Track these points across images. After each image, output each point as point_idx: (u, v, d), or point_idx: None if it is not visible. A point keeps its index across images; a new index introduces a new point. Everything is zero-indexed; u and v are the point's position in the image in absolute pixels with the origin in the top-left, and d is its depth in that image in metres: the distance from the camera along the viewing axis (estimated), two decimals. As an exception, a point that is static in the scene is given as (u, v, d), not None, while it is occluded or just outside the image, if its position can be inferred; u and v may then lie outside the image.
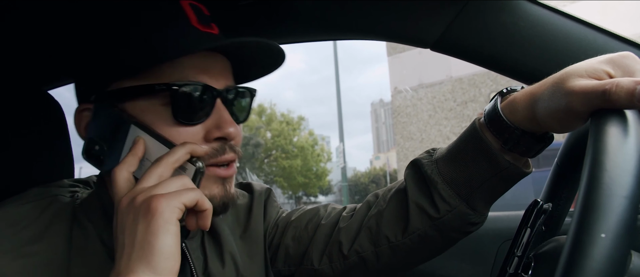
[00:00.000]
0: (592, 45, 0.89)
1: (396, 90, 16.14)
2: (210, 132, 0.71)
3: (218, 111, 0.72)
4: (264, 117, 22.30)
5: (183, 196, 0.60)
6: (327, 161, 24.42)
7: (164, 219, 0.57)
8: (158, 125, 0.70)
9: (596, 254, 0.40)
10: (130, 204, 0.60)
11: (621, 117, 0.50)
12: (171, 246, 0.57)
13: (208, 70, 0.72)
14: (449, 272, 1.35)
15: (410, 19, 1.04)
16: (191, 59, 0.71)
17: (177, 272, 0.58)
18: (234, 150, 0.74)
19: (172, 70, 0.69)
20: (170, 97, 0.68)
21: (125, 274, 0.56)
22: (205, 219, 0.64)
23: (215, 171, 0.72)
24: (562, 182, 0.76)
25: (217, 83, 0.72)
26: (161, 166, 0.63)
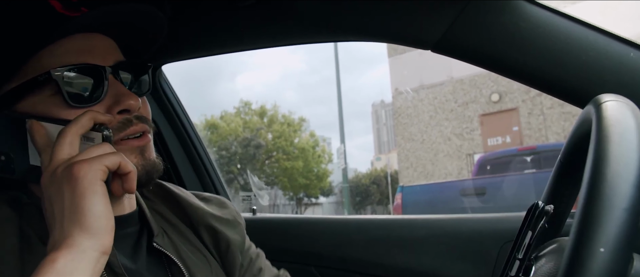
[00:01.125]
0: (593, 46, 0.89)
1: (397, 92, 16.12)
2: (111, 108, 0.72)
3: (113, 87, 0.73)
4: (266, 119, 22.27)
5: (104, 159, 0.60)
6: (328, 162, 24.38)
7: (88, 180, 0.58)
8: (54, 113, 0.70)
9: (595, 269, 0.40)
10: (52, 176, 0.61)
11: (623, 123, 0.50)
12: (101, 205, 0.58)
13: (91, 51, 0.73)
14: (450, 274, 1.35)
15: (411, 20, 1.04)
16: (70, 44, 0.71)
17: (112, 231, 0.59)
18: (142, 121, 0.75)
19: (53, 60, 0.70)
20: (56, 84, 0.69)
21: (61, 239, 0.57)
22: (131, 181, 0.64)
23: (129, 143, 0.73)
24: (564, 182, 0.75)
25: (104, 60, 0.73)
26: (67, 135, 0.63)
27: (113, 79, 0.73)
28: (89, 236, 0.57)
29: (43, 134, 0.68)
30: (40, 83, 0.69)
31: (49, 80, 0.69)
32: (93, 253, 0.57)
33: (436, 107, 14.99)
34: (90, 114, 0.66)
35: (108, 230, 0.58)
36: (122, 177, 0.64)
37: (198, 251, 0.89)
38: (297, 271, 1.58)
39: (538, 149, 8.60)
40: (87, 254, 0.56)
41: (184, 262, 0.82)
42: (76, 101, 0.70)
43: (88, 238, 0.57)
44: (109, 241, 0.59)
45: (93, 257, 0.57)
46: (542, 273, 0.63)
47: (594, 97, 0.60)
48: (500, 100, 13.86)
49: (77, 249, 0.56)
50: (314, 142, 23.04)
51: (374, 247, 1.47)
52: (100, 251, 0.57)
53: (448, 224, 1.41)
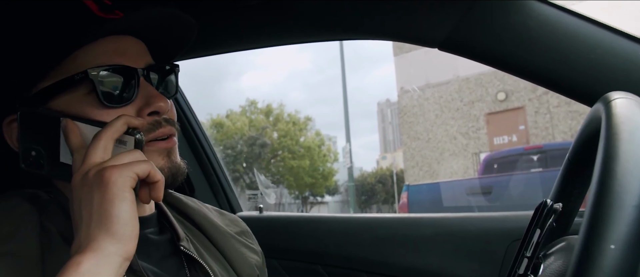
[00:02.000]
0: (601, 44, 0.89)
1: (403, 90, 16.09)
2: (141, 109, 0.74)
3: (144, 89, 0.74)
4: (271, 118, 22.29)
5: (135, 166, 0.61)
6: (334, 161, 24.37)
7: (118, 187, 0.59)
8: (88, 112, 0.71)
9: (605, 266, 0.39)
10: (84, 178, 0.62)
11: (633, 121, 0.49)
12: (128, 212, 0.59)
13: (124, 53, 0.74)
14: (457, 272, 1.34)
15: (417, 18, 1.03)
16: (104, 45, 0.73)
17: (136, 238, 0.60)
18: (170, 123, 0.77)
19: (87, 60, 0.71)
20: (91, 83, 0.70)
21: (86, 243, 0.58)
22: (158, 190, 0.65)
23: (157, 145, 0.74)
24: (572, 180, 0.75)
25: (136, 63, 0.75)
26: (102, 139, 0.65)
27: (144, 81, 0.75)
28: (115, 242, 0.58)
29: (77, 133, 0.69)
30: (76, 82, 0.70)
31: (84, 80, 0.70)
32: (117, 258, 0.58)
33: (442, 106, 14.96)
34: (124, 118, 0.67)
35: (133, 237, 0.59)
36: (150, 185, 0.65)
37: (216, 258, 0.90)
38: (303, 269, 1.59)
39: (544, 148, 8.57)
40: (111, 259, 0.57)
41: (210, 267, 0.83)
42: (109, 101, 0.72)
43: (113, 243, 0.58)
44: (132, 247, 0.60)
45: (116, 263, 0.58)
46: (550, 271, 0.62)
47: (603, 95, 0.60)
48: (506, 99, 13.81)
49: (101, 254, 0.57)
50: (319, 141, 23.04)
51: (380, 246, 1.47)
52: (123, 257, 0.58)
53: (454, 222, 1.41)
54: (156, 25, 0.78)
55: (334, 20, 1.14)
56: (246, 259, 0.95)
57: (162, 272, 0.78)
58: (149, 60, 0.78)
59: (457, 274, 1.34)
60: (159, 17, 0.76)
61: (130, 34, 0.77)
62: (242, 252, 0.95)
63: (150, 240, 0.81)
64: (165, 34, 0.80)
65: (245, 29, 1.27)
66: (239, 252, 0.95)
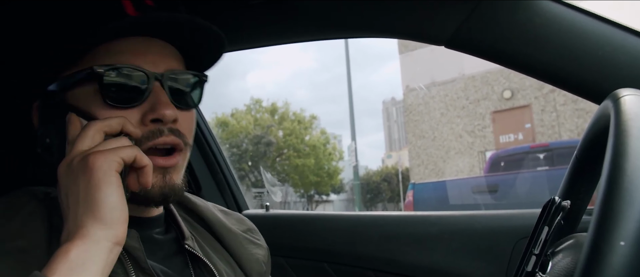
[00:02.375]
0: (609, 41, 0.88)
1: (408, 89, 16.06)
2: (146, 115, 0.71)
3: (155, 94, 0.72)
4: (277, 116, 22.32)
5: (120, 151, 0.61)
6: (339, 160, 24.37)
7: (102, 171, 0.59)
8: (92, 110, 0.70)
9: (615, 263, 0.39)
10: (69, 166, 0.62)
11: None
12: (115, 196, 0.59)
13: (144, 55, 0.72)
14: (464, 270, 1.34)
15: (424, 16, 1.03)
16: (126, 44, 0.71)
17: (126, 222, 0.60)
18: (177, 135, 0.74)
19: (106, 56, 0.70)
20: (97, 81, 0.69)
21: (75, 229, 0.58)
22: (146, 175, 0.64)
23: (155, 160, 0.70)
24: (580, 178, 0.75)
25: (155, 67, 0.72)
26: (91, 129, 0.64)
27: (158, 86, 0.72)
28: (103, 227, 0.58)
29: (77, 127, 0.69)
30: (85, 78, 0.70)
31: (91, 77, 0.70)
32: (106, 244, 0.58)
33: (447, 104, 14.93)
34: (122, 119, 0.67)
35: (121, 221, 0.59)
36: (137, 170, 0.65)
37: (222, 257, 0.90)
38: (310, 267, 1.59)
39: (551, 147, 8.53)
40: (101, 244, 0.57)
41: (214, 265, 0.83)
42: (113, 101, 0.70)
43: (102, 228, 0.58)
44: (122, 232, 0.59)
45: (106, 248, 0.57)
46: (559, 268, 0.62)
47: (612, 92, 0.60)
48: (512, 97, 13.76)
49: (90, 240, 0.57)
50: (324, 140, 23.05)
51: (386, 244, 1.47)
52: (113, 242, 0.58)
53: (461, 220, 1.41)
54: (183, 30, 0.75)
55: (340, 19, 1.14)
56: (253, 255, 0.95)
57: (168, 270, 0.78)
58: (171, 65, 0.75)
59: (464, 272, 1.34)
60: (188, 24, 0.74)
61: (159, 37, 0.75)
62: (249, 249, 0.96)
63: (155, 239, 0.81)
64: (193, 42, 0.78)
65: (252, 28, 1.27)
66: (246, 249, 0.95)
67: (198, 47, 0.80)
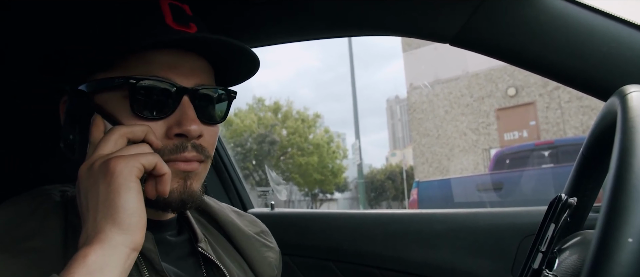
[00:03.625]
0: (615, 38, 0.88)
1: (412, 87, 16.04)
2: (171, 128, 0.72)
3: (182, 108, 0.72)
4: (280, 115, 22.31)
5: (141, 157, 0.62)
6: (343, 158, 24.34)
7: (123, 176, 0.59)
8: (119, 116, 0.71)
9: (623, 259, 0.39)
10: (90, 169, 0.62)
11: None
12: (134, 202, 0.59)
13: (176, 68, 0.73)
14: (469, 268, 1.34)
15: (429, 14, 1.03)
16: (160, 55, 0.72)
17: (144, 228, 0.60)
18: (199, 151, 0.74)
19: (139, 65, 0.71)
20: (128, 90, 0.70)
21: (94, 233, 0.58)
22: (164, 184, 0.65)
23: (176, 165, 0.72)
24: (586, 175, 0.74)
25: (185, 81, 0.73)
26: (115, 133, 0.65)
27: (186, 101, 0.73)
28: (121, 232, 0.58)
29: (100, 129, 0.69)
30: (117, 84, 0.70)
31: (123, 85, 0.70)
32: (124, 249, 0.58)
33: (451, 102, 14.89)
34: (147, 128, 0.68)
35: (140, 227, 0.59)
36: (156, 178, 0.65)
37: (235, 260, 0.91)
38: (315, 265, 1.59)
39: (556, 144, 8.49)
40: (118, 250, 0.57)
41: (226, 267, 0.84)
42: (141, 112, 0.71)
43: (120, 234, 0.58)
44: (140, 238, 0.60)
45: (124, 253, 0.58)
46: (566, 266, 0.62)
47: (619, 89, 0.60)
48: (516, 94, 13.71)
49: (108, 245, 0.57)
50: (328, 138, 23.03)
51: (391, 242, 1.47)
52: (131, 247, 0.58)
53: (466, 218, 1.41)
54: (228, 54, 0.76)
55: (345, 16, 1.14)
56: (266, 259, 0.96)
57: (181, 272, 0.78)
58: (202, 80, 0.76)
59: (469, 269, 1.34)
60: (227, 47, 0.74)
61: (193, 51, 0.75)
62: (262, 252, 0.96)
63: (168, 241, 0.81)
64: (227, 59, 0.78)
65: (256, 27, 1.27)
66: (259, 252, 0.95)
67: (230, 65, 0.80)
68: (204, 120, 0.75)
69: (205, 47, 0.75)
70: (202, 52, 0.76)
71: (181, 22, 0.74)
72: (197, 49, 0.75)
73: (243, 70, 0.82)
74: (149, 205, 0.70)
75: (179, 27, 0.73)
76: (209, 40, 0.73)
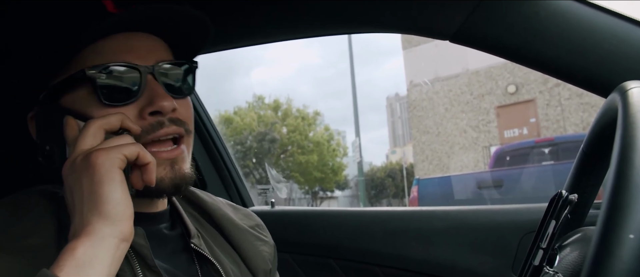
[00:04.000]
0: (616, 34, 0.88)
1: (412, 84, 16.03)
2: (143, 109, 0.72)
3: (149, 87, 0.72)
4: (280, 113, 22.32)
5: (123, 149, 0.61)
6: (343, 156, 24.36)
7: (105, 168, 0.59)
8: (89, 111, 0.71)
9: (624, 255, 0.39)
10: (72, 165, 0.62)
11: None
12: (118, 192, 0.59)
13: (133, 50, 0.73)
14: (470, 265, 1.34)
15: (429, 10, 1.03)
16: (112, 42, 0.71)
17: (131, 218, 0.60)
18: (179, 124, 0.74)
19: (95, 57, 0.70)
20: (91, 82, 0.70)
21: (81, 227, 0.58)
22: (150, 173, 0.65)
23: (160, 155, 0.72)
24: (587, 171, 0.74)
25: (145, 60, 0.73)
26: (91, 127, 0.65)
27: (151, 79, 0.72)
28: (108, 223, 0.58)
29: (75, 129, 0.69)
30: (78, 80, 0.70)
31: (84, 79, 0.70)
32: (112, 240, 0.58)
33: (451, 100, 14.89)
34: (121, 116, 0.67)
35: (126, 217, 0.59)
36: (141, 168, 0.65)
37: (228, 255, 0.90)
38: (315, 263, 1.59)
39: (556, 141, 8.50)
40: (107, 241, 0.57)
41: (220, 263, 0.83)
42: (110, 100, 0.70)
43: (107, 225, 0.58)
44: (128, 228, 0.60)
45: (112, 244, 0.58)
46: (567, 262, 0.62)
47: (619, 85, 0.60)
48: (516, 91, 13.71)
49: (96, 237, 0.57)
50: (328, 136, 23.03)
51: (392, 239, 1.47)
52: (119, 238, 0.58)
53: (467, 215, 1.41)
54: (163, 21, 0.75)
55: (345, 14, 1.14)
56: (260, 253, 0.95)
57: (174, 268, 0.78)
58: (161, 57, 0.76)
59: (469, 267, 1.34)
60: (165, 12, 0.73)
61: (144, 31, 0.75)
62: (256, 246, 0.96)
63: (161, 235, 0.81)
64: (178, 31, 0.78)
65: (256, 24, 1.27)
66: (253, 246, 0.95)
67: (183, 35, 0.80)
68: (173, 96, 0.75)
69: (153, 24, 0.74)
70: (152, 30, 0.76)
71: (123, 5, 0.73)
72: (146, 28, 0.75)
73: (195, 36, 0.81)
74: (143, 195, 0.71)
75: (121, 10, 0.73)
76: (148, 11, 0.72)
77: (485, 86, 14.28)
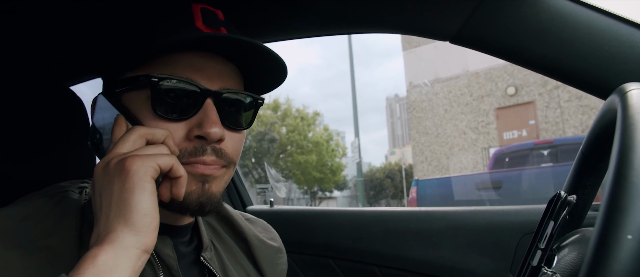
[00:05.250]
0: (616, 36, 0.88)
1: (411, 85, 16.03)
2: (192, 130, 0.71)
3: (204, 110, 0.71)
4: (279, 113, 22.31)
5: (157, 158, 0.61)
6: (343, 156, 24.35)
7: (138, 176, 0.58)
8: (141, 116, 0.71)
9: (622, 256, 0.39)
10: (105, 167, 0.62)
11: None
12: (148, 202, 0.58)
13: (202, 70, 0.72)
14: (468, 266, 1.34)
15: (429, 11, 1.03)
16: (186, 57, 0.71)
17: (156, 230, 0.59)
18: (219, 155, 0.72)
19: (165, 66, 0.70)
20: (150, 89, 0.69)
21: (105, 233, 0.57)
22: (179, 187, 0.64)
23: (195, 168, 0.70)
24: (586, 172, 0.75)
25: (210, 84, 0.72)
26: (134, 133, 0.65)
27: (209, 103, 0.71)
28: (133, 233, 0.57)
29: (123, 129, 0.69)
30: (141, 83, 0.70)
31: (147, 84, 0.69)
32: (135, 251, 0.57)
33: (451, 101, 14.88)
34: (167, 133, 0.67)
35: (152, 228, 0.58)
36: (172, 180, 0.64)
37: (243, 269, 0.90)
38: (315, 262, 1.59)
39: (555, 143, 8.50)
40: (129, 251, 0.56)
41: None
42: (162, 112, 0.70)
43: (132, 235, 0.57)
44: (152, 240, 0.58)
45: (134, 255, 0.57)
46: (565, 263, 0.62)
47: (619, 87, 0.60)
48: (516, 93, 13.71)
49: (119, 245, 0.56)
50: (328, 136, 23.03)
51: (391, 239, 1.47)
52: (142, 249, 0.57)
53: (466, 216, 1.41)
54: (254, 59, 0.75)
55: (345, 14, 1.13)
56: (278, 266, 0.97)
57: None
58: (227, 85, 0.74)
59: (469, 267, 1.34)
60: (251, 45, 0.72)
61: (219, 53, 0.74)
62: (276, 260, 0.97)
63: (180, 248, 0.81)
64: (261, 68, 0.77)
65: (257, 24, 1.27)
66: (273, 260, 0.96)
67: (259, 70, 0.79)
68: (227, 125, 0.74)
69: (233, 51, 0.74)
70: (230, 56, 0.75)
71: (211, 25, 0.73)
72: (225, 53, 0.74)
73: (271, 75, 0.81)
74: (167, 208, 0.70)
75: (209, 29, 0.72)
76: (234, 40, 0.71)
77: (485, 88, 14.28)
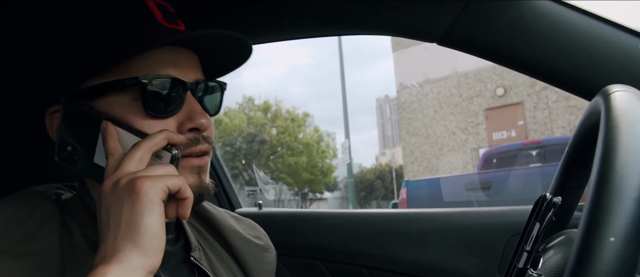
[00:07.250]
0: (600, 38, 0.89)
1: (401, 86, 16.09)
2: (182, 124, 0.72)
3: (189, 103, 0.73)
4: (269, 114, 22.29)
5: (167, 179, 0.61)
6: (333, 157, 24.39)
7: (148, 198, 0.58)
8: (130, 119, 0.70)
9: (605, 258, 0.39)
10: (115, 186, 0.61)
11: (633, 113, 0.49)
12: (156, 225, 0.58)
13: (176, 65, 0.73)
14: (456, 267, 1.35)
15: (417, 12, 1.03)
16: (159, 54, 0.71)
17: (162, 251, 0.59)
18: (208, 141, 0.76)
19: (140, 66, 0.70)
20: (139, 91, 0.69)
21: (112, 253, 0.57)
22: (186, 208, 0.64)
23: (190, 161, 0.72)
24: (571, 174, 0.75)
25: (186, 76, 0.73)
26: (140, 149, 0.64)
27: (190, 96, 0.74)
28: (141, 254, 0.56)
29: (116, 138, 0.68)
30: (125, 86, 0.69)
31: (134, 86, 0.69)
32: (141, 272, 0.56)
33: (441, 102, 14.96)
34: (166, 133, 0.67)
35: (159, 251, 0.58)
36: (178, 201, 0.64)
37: (229, 270, 0.90)
38: (303, 265, 1.59)
39: (543, 143, 8.57)
40: (136, 272, 0.56)
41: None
42: (153, 111, 0.70)
43: (139, 256, 0.56)
44: (157, 261, 0.58)
45: (141, 276, 0.56)
46: (550, 264, 0.63)
47: (603, 88, 0.60)
48: (505, 94, 13.82)
49: (127, 266, 0.55)
50: (318, 137, 23.06)
51: (380, 241, 1.47)
52: (148, 271, 0.57)
53: (454, 217, 1.41)
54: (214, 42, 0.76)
55: (334, 15, 1.14)
56: (264, 266, 0.96)
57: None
58: (199, 76, 0.77)
59: (457, 268, 1.35)
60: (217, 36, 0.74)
61: (188, 47, 0.76)
62: (262, 260, 0.96)
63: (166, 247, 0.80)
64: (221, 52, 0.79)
65: (247, 25, 1.26)
66: (258, 259, 0.95)
67: (224, 57, 0.81)
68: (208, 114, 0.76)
69: (200, 43, 0.75)
70: (196, 47, 0.77)
71: (170, 20, 0.74)
72: (191, 44, 0.76)
73: (234, 58, 0.83)
74: None
75: (170, 25, 0.73)
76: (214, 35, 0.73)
77: (474, 88, 14.38)
